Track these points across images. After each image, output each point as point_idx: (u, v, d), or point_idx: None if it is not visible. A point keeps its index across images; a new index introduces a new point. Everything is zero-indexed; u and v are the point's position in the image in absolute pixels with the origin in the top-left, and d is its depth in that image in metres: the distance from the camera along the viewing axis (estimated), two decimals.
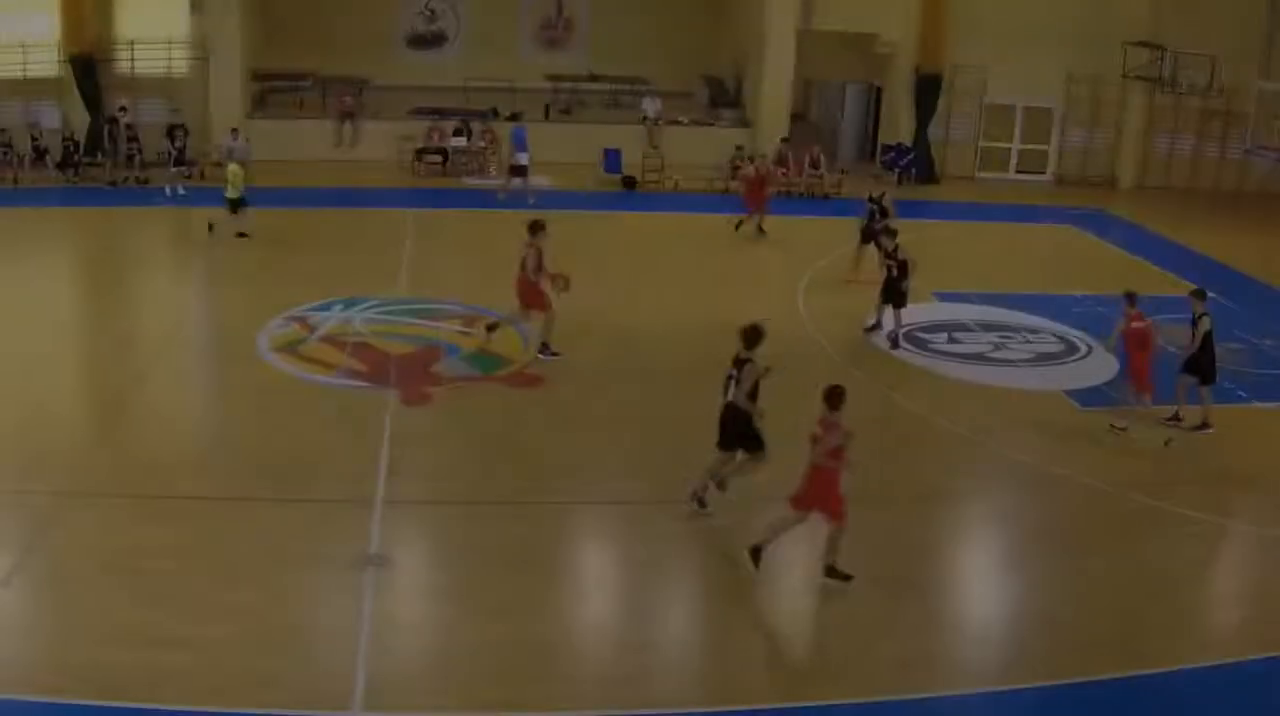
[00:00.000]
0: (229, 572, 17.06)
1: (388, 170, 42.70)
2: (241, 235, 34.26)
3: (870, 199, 32.91)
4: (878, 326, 28.79)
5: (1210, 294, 24.58)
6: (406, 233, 35.28)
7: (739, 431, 19.66)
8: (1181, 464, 23.16)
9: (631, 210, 41.01)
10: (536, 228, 25.94)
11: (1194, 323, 24.41)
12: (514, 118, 45.19)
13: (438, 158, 43.12)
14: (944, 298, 32.15)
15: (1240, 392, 26.26)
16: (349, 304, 28.62)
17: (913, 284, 28.31)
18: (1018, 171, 50.47)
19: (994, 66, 47.79)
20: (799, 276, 32.92)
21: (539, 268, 25.67)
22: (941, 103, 48.07)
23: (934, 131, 48.32)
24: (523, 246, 25.83)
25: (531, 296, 25.92)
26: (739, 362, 19.42)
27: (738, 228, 37.38)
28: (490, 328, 26.68)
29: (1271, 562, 19.90)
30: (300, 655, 15.35)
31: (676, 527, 19.41)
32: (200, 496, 19.34)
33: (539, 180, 40.37)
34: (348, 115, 44.27)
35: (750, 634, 16.82)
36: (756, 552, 17.93)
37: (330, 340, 26.49)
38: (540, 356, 25.98)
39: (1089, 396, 26.28)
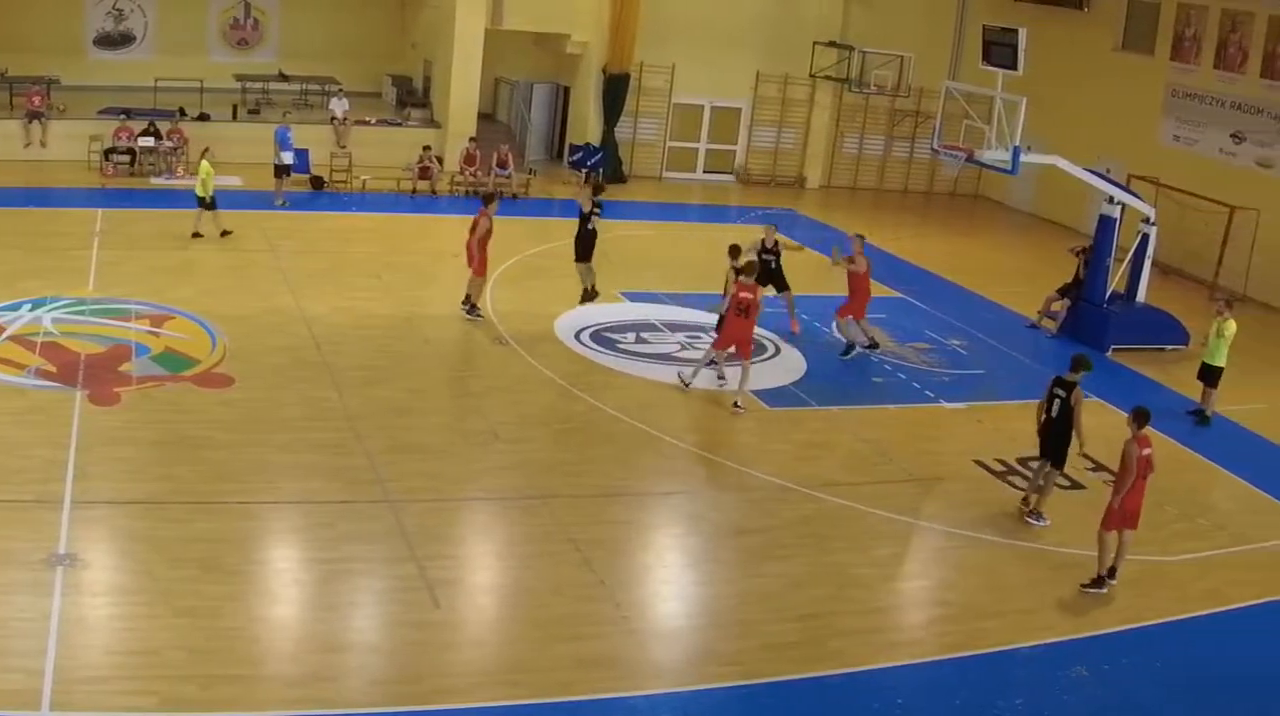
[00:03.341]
0: None
1: (77, 170, 41.91)
2: (225, 233, 35.35)
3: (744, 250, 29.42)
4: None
5: (899, 293, 25.37)
6: (95, 232, 34.79)
7: (1056, 447, 21.52)
8: (871, 464, 24.08)
9: (319, 210, 40.94)
10: (492, 198, 30.69)
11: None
12: (202, 118, 44.96)
13: (126, 158, 42.53)
14: (632, 297, 32.91)
15: (928, 392, 27.23)
16: (38, 304, 28.18)
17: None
18: (705, 171, 51.49)
19: (682, 66, 48.86)
20: (487, 276, 33.06)
21: (487, 235, 29.66)
22: (629, 103, 48.85)
23: (622, 131, 49.08)
24: (479, 214, 29.80)
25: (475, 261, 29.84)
26: (1066, 386, 21.20)
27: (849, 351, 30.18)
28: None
29: (958, 562, 20.69)
30: None
31: (365, 528, 19.69)
32: None
33: (229, 180, 40.17)
34: (36, 115, 43.42)
35: (438, 634, 17.09)
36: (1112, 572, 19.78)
37: (19, 340, 26.10)
38: (465, 312, 29.99)
39: (777, 396, 27.14)
